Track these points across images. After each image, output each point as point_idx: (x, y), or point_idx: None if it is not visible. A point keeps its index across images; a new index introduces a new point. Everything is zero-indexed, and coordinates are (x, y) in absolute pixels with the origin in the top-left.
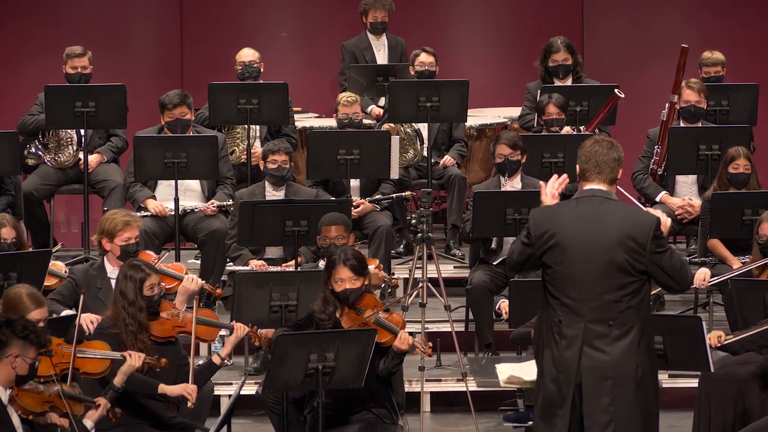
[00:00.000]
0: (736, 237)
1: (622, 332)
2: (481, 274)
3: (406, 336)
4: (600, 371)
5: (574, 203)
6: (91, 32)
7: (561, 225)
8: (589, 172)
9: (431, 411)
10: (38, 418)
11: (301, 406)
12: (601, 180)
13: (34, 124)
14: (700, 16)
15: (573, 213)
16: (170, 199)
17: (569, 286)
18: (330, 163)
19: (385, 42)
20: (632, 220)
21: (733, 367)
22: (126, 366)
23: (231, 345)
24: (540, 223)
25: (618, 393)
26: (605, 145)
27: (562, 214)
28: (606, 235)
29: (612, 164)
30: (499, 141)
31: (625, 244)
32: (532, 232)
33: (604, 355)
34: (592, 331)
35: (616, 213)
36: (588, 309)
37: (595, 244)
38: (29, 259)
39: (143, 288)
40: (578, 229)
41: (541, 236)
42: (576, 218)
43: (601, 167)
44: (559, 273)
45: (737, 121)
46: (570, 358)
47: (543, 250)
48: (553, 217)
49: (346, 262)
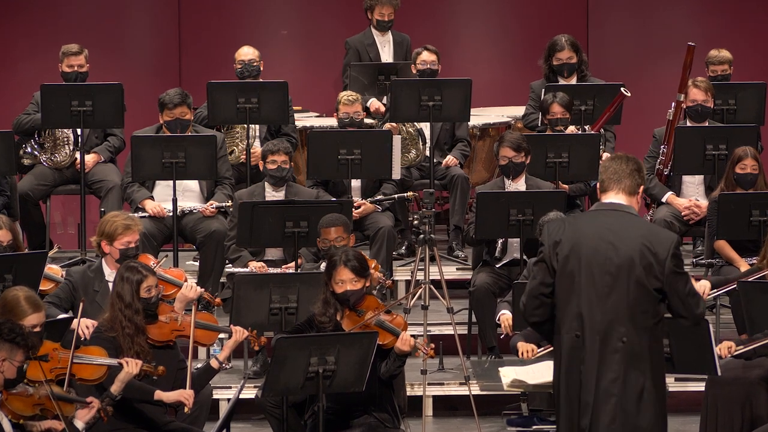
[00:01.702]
0: (743, 238)
1: (635, 352)
2: (484, 276)
3: (407, 337)
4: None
5: (592, 215)
6: (88, 30)
7: (579, 235)
8: (608, 182)
9: (433, 415)
10: (30, 422)
11: (301, 410)
12: (621, 190)
13: (30, 124)
14: (707, 14)
15: (592, 224)
16: (168, 200)
17: (585, 298)
18: (331, 163)
19: (390, 39)
20: (652, 236)
21: (741, 370)
22: (123, 374)
23: (229, 349)
24: (554, 232)
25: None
26: (623, 157)
27: (580, 225)
28: (625, 249)
29: (631, 174)
30: (502, 143)
31: (645, 259)
32: (546, 242)
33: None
34: (609, 347)
35: (636, 228)
36: (602, 323)
37: (614, 257)
38: (25, 261)
39: (140, 290)
40: (597, 241)
41: (555, 245)
42: (595, 230)
43: (620, 176)
44: (576, 284)
45: (745, 120)
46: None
47: (557, 259)
48: (569, 227)
49: (347, 263)
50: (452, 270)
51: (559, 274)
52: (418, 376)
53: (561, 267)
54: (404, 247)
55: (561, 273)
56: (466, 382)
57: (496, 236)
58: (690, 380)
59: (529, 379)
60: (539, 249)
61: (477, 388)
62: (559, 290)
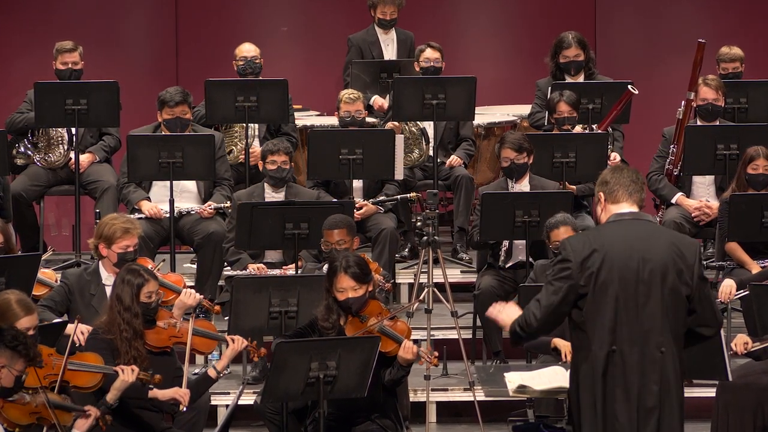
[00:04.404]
0: (755, 240)
1: (671, 360)
2: (489, 278)
3: (410, 345)
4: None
5: (617, 224)
6: (83, 26)
7: (607, 249)
8: (619, 194)
9: (437, 422)
10: (25, 431)
11: (302, 416)
12: (633, 201)
13: (23, 123)
14: (717, 10)
15: (618, 236)
16: (165, 201)
17: (621, 311)
18: (332, 163)
19: (393, 36)
20: (679, 242)
21: (752, 376)
22: (119, 382)
23: (228, 359)
24: (579, 249)
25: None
26: (624, 168)
27: (607, 238)
28: (657, 257)
29: (639, 184)
30: (504, 144)
31: (676, 265)
32: (573, 259)
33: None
34: (648, 357)
35: (663, 235)
36: (639, 333)
37: (647, 267)
38: (18, 264)
39: (140, 294)
40: (628, 252)
41: (585, 260)
42: (623, 241)
43: (631, 188)
44: (609, 297)
45: (756, 119)
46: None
47: (586, 276)
48: (595, 241)
49: (347, 270)
50: (456, 273)
51: (590, 290)
52: (421, 381)
53: (593, 283)
54: (407, 250)
55: (592, 289)
56: (471, 387)
57: (501, 238)
58: (700, 386)
59: (536, 384)
60: (560, 266)
61: (482, 394)
62: (589, 307)
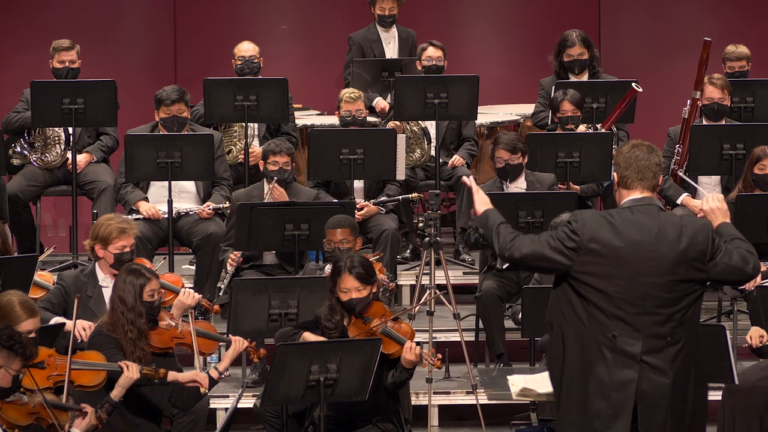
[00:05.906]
0: (762, 241)
1: (677, 349)
2: (491, 280)
3: (413, 346)
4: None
5: (628, 212)
6: (80, 24)
7: (619, 234)
8: (631, 179)
9: (439, 425)
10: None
11: (302, 420)
12: (644, 187)
13: (20, 122)
14: (724, 8)
15: (631, 223)
16: (163, 202)
17: (628, 299)
18: (332, 164)
19: (395, 34)
20: (690, 229)
21: (759, 380)
22: (124, 378)
23: (229, 359)
24: (591, 226)
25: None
26: (645, 149)
27: (619, 222)
28: (668, 246)
29: (654, 169)
30: (497, 145)
31: (689, 254)
32: (581, 233)
33: (663, 378)
34: (651, 347)
35: (674, 223)
36: (647, 323)
37: (659, 256)
38: (14, 265)
39: (143, 293)
40: (639, 240)
41: (590, 240)
42: (636, 229)
43: (644, 173)
44: (618, 285)
45: (763, 118)
46: (627, 377)
47: (588, 257)
48: (607, 224)
49: (352, 271)
50: (459, 274)
51: (590, 271)
52: (423, 384)
53: (592, 267)
54: (409, 251)
55: (593, 270)
56: (473, 390)
57: None
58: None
59: (539, 387)
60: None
61: (484, 397)
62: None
